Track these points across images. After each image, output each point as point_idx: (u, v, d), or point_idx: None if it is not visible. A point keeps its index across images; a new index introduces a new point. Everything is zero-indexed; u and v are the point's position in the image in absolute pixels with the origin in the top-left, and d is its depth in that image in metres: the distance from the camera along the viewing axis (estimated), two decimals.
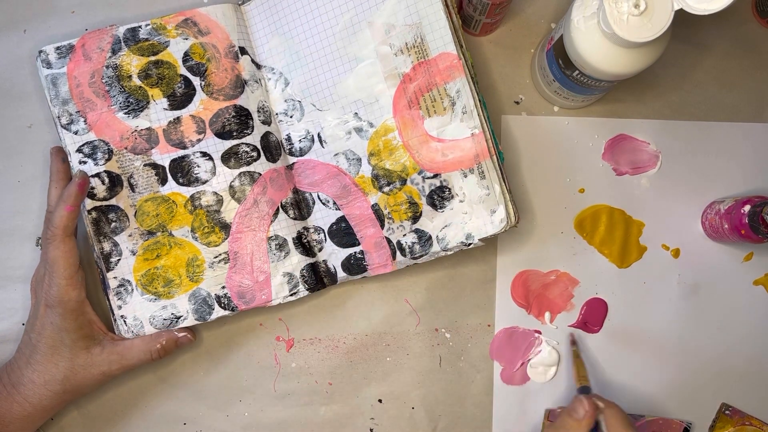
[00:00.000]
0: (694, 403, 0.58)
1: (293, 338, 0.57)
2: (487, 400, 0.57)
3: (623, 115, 0.58)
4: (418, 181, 0.53)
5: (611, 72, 0.48)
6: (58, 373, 0.50)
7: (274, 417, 0.57)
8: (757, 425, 0.57)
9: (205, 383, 0.57)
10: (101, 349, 0.51)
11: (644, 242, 0.58)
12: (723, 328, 0.58)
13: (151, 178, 0.54)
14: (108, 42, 0.54)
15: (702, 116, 0.58)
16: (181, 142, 0.54)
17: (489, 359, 0.57)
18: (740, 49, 0.59)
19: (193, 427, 0.57)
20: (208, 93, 0.54)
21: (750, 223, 0.52)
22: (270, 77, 0.55)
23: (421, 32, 0.52)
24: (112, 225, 0.53)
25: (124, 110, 0.54)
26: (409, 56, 0.53)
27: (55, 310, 0.50)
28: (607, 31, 0.45)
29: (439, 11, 0.52)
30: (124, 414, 0.57)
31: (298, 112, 0.55)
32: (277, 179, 0.54)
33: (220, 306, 0.53)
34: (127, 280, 0.53)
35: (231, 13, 0.54)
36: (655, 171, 0.58)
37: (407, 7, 0.52)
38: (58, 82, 0.53)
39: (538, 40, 0.58)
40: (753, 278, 0.58)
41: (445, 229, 0.53)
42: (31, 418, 0.50)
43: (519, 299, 0.58)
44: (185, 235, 0.53)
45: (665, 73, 0.58)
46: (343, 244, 0.54)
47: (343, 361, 0.57)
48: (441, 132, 0.52)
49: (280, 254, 0.53)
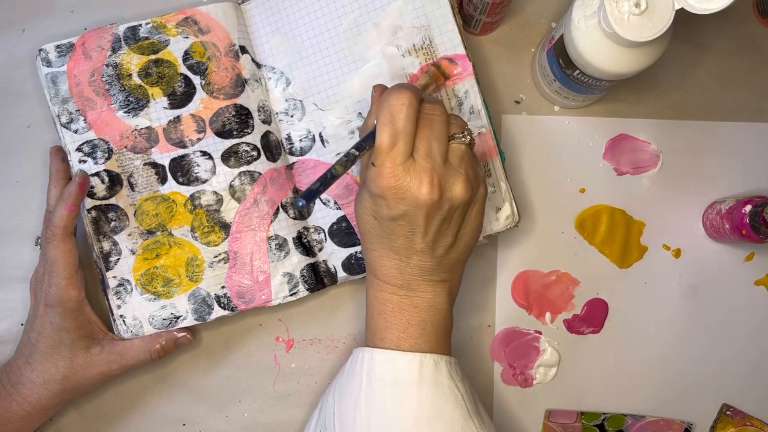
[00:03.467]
0: (695, 404, 0.57)
1: (293, 338, 0.57)
2: (487, 400, 0.57)
3: (624, 114, 0.58)
4: None
5: (612, 71, 0.48)
6: (57, 373, 0.50)
7: (274, 417, 0.57)
8: (759, 426, 0.57)
9: (205, 383, 0.57)
10: (100, 349, 0.51)
11: (645, 242, 0.58)
12: (724, 329, 0.58)
13: (151, 177, 0.53)
14: (108, 40, 0.54)
15: (703, 116, 0.58)
16: (181, 141, 0.54)
17: (489, 359, 0.57)
18: (741, 49, 0.59)
19: (192, 427, 0.57)
20: (208, 92, 0.54)
21: (751, 223, 0.52)
22: (270, 76, 0.55)
23: (429, 34, 0.53)
24: (111, 224, 0.53)
25: (124, 109, 0.53)
26: (417, 57, 0.53)
27: (54, 310, 0.50)
28: (608, 31, 0.45)
29: (447, 14, 0.52)
30: (123, 414, 0.56)
31: (299, 111, 0.55)
32: (278, 179, 0.54)
33: (219, 306, 0.53)
34: (126, 280, 0.53)
35: (231, 11, 0.54)
36: (656, 171, 0.58)
37: (414, 10, 0.53)
38: (57, 81, 0.53)
39: (539, 40, 0.58)
40: (754, 278, 0.58)
41: None
42: (30, 417, 0.50)
43: (519, 299, 0.57)
44: (185, 235, 0.53)
45: (666, 73, 0.58)
46: (343, 243, 0.54)
47: (343, 362, 0.57)
48: None
49: (280, 254, 0.53)
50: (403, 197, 0.42)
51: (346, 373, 0.47)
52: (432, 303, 0.46)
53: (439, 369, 0.45)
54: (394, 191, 0.42)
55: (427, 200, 0.42)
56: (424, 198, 0.42)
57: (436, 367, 0.45)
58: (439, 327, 0.46)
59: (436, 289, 0.46)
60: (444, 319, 0.47)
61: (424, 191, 0.42)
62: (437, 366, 0.45)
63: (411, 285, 0.46)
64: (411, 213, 0.43)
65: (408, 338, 0.45)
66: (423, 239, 0.44)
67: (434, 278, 0.46)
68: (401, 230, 0.44)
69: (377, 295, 0.47)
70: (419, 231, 0.44)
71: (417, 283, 0.46)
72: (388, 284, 0.46)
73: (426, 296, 0.46)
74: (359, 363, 0.46)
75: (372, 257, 0.47)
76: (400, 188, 0.42)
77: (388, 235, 0.45)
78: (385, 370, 0.45)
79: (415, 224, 0.43)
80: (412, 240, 0.44)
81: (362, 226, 0.46)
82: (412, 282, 0.46)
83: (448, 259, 0.46)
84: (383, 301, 0.46)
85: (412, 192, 0.42)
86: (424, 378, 0.44)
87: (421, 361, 0.44)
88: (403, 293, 0.46)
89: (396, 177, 0.42)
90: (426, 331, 0.46)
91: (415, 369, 0.44)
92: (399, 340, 0.46)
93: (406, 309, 0.46)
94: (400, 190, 0.42)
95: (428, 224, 0.43)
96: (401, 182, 0.42)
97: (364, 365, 0.45)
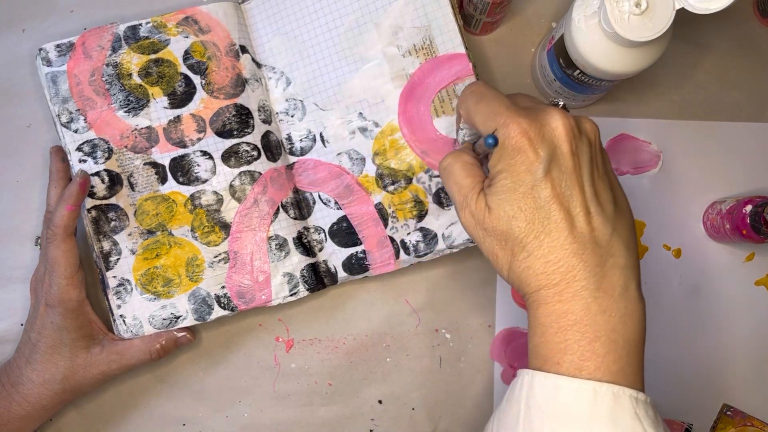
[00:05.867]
0: (695, 404, 0.57)
1: (293, 339, 0.57)
2: (487, 401, 0.57)
3: (624, 114, 0.58)
4: (425, 180, 0.53)
5: (612, 71, 0.48)
6: (57, 373, 0.50)
7: (274, 418, 0.57)
8: (759, 426, 0.57)
9: (205, 383, 0.57)
10: (101, 349, 0.51)
11: (645, 242, 0.58)
12: (724, 329, 0.58)
13: (151, 177, 0.53)
14: (108, 40, 0.54)
15: (703, 116, 0.58)
16: (182, 140, 0.54)
17: (489, 360, 0.57)
18: (741, 49, 0.59)
19: (192, 427, 0.57)
20: (208, 91, 0.54)
21: (752, 223, 0.52)
22: (270, 76, 0.55)
23: (429, 34, 0.53)
24: (111, 224, 0.53)
25: (124, 109, 0.53)
26: (417, 57, 0.53)
27: (55, 310, 0.50)
28: (608, 31, 0.45)
29: (447, 14, 0.52)
30: (123, 414, 0.56)
31: (300, 111, 0.55)
32: (278, 179, 0.54)
33: (219, 306, 0.53)
34: (126, 280, 0.53)
35: (232, 11, 0.54)
36: (657, 171, 0.58)
37: (415, 10, 0.53)
38: (58, 81, 0.53)
39: (539, 40, 0.58)
40: (755, 278, 0.58)
41: (452, 227, 0.53)
42: (30, 417, 0.50)
43: (519, 300, 0.57)
44: (185, 235, 0.53)
45: (666, 73, 0.58)
46: (344, 243, 0.54)
47: (343, 362, 0.57)
48: (450, 132, 0.53)
49: (280, 254, 0.53)
50: (541, 136, 0.36)
51: (506, 398, 0.38)
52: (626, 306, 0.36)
53: (619, 404, 0.34)
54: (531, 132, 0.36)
55: (567, 125, 0.36)
56: (562, 123, 0.36)
57: (616, 401, 0.34)
58: (630, 341, 0.36)
59: (628, 278, 0.36)
60: (637, 325, 0.37)
61: (557, 117, 0.36)
62: (617, 400, 0.34)
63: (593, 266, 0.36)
64: (556, 154, 0.36)
65: (593, 357, 0.35)
66: (581, 192, 0.36)
67: (617, 257, 0.36)
68: (554, 189, 0.36)
69: (551, 310, 0.37)
70: (573, 178, 0.36)
71: (600, 263, 0.36)
72: (567, 288, 0.36)
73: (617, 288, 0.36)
74: (518, 387, 0.37)
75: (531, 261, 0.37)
76: (534, 127, 0.36)
77: (540, 209, 0.36)
78: (545, 397, 0.36)
79: (566, 170, 0.36)
80: (570, 199, 0.36)
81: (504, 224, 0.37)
82: (592, 260, 0.36)
83: (620, 220, 0.37)
84: (562, 314, 0.36)
85: (547, 126, 0.36)
86: (598, 415, 0.34)
87: (595, 391, 0.34)
88: (588, 294, 0.36)
89: (525, 116, 0.37)
90: (616, 346, 0.36)
91: (586, 401, 0.34)
92: (581, 361, 0.36)
93: (593, 315, 0.36)
94: (534, 129, 0.36)
95: (578, 163, 0.37)
96: (532, 122, 0.36)
97: (523, 390, 0.37)
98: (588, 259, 0.36)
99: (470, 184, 0.40)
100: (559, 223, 0.36)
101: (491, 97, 0.39)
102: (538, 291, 0.37)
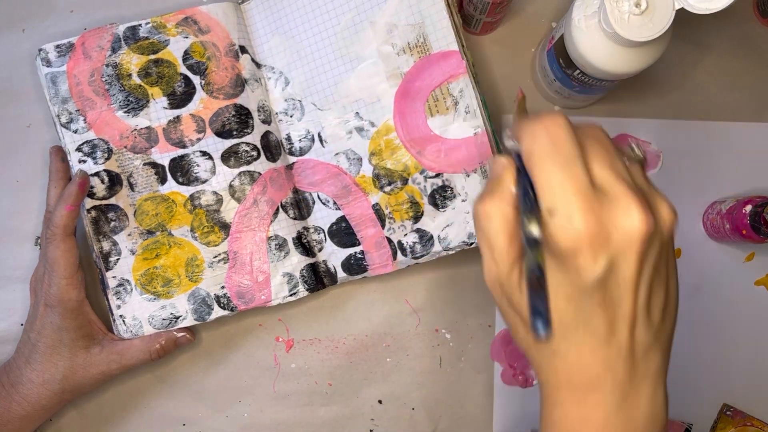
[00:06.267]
0: (695, 404, 0.57)
1: (293, 339, 0.57)
2: (487, 401, 0.57)
3: (624, 114, 0.58)
4: (420, 181, 0.53)
5: (612, 71, 0.47)
6: (57, 373, 0.50)
7: (274, 417, 0.57)
8: (759, 426, 0.57)
9: (205, 383, 0.57)
10: (100, 349, 0.51)
11: None
12: (724, 329, 0.58)
13: (151, 177, 0.53)
14: (108, 40, 0.54)
15: (703, 116, 0.58)
16: (181, 141, 0.54)
17: (489, 360, 0.57)
18: (741, 49, 0.59)
19: (192, 427, 0.57)
20: (208, 92, 0.54)
21: (751, 223, 0.52)
22: (270, 76, 0.55)
23: (423, 32, 0.52)
24: (111, 224, 0.53)
25: (123, 109, 0.53)
26: (411, 56, 0.53)
27: (54, 310, 0.50)
28: (608, 31, 0.45)
29: (441, 11, 0.52)
30: (122, 414, 0.56)
31: (299, 111, 0.55)
32: (277, 179, 0.54)
33: (219, 306, 0.53)
34: (126, 280, 0.53)
35: (231, 11, 0.54)
36: (657, 171, 0.58)
37: (409, 7, 0.52)
38: (57, 81, 0.53)
39: (539, 40, 0.58)
40: (754, 278, 0.58)
41: (447, 229, 0.53)
42: (30, 417, 0.50)
43: None
44: (185, 235, 0.53)
45: (666, 73, 0.58)
46: (343, 244, 0.54)
47: (343, 362, 0.57)
48: (444, 131, 0.52)
49: (279, 254, 0.53)
50: (607, 239, 0.30)
51: None
52: (652, 412, 0.32)
53: None
54: (596, 234, 0.29)
55: (643, 230, 0.30)
56: (638, 227, 0.30)
57: None
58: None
59: (657, 383, 0.33)
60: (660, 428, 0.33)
61: (635, 217, 0.29)
62: None
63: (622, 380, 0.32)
64: (617, 262, 0.30)
65: None
66: (633, 301, 0.31)
67: (651, 365, 0.33)
68: (603, 297, 0.31)
69: (568, 412, 0.33)
70: (630, 288, 0.31)
71: (631, 377, 0.32)
72: (588, 396, 0.32)
73: (645, 398, 0.32)
74: None
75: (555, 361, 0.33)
76: (601, 226, 0.29)
77: (580, 311, 0.31)
78: None
79: (623, 278, 0.30)
80: (618, 308, 0.31)
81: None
82: (623, 374, 0.32)
83: (663, 328, 0.33)
84: (580, 420, 0.32)
85: (619, 226, 0.30)
86: None
87: None
88: (613, 400, 0.32)
89: (594, 211, 0.29)
90: None
91: None
92: None
93: (614, 426, 0.32)
94: (602, 228, 0.29)
95: (640, 272, 0.31)
96: (602, 216, 0.30)
97: None
98: (619, 371, 0.32)
99: (506, 250, 0.33)
100: (598, 330, 0.31)
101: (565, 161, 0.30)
102: (557, 390, 0.33)
